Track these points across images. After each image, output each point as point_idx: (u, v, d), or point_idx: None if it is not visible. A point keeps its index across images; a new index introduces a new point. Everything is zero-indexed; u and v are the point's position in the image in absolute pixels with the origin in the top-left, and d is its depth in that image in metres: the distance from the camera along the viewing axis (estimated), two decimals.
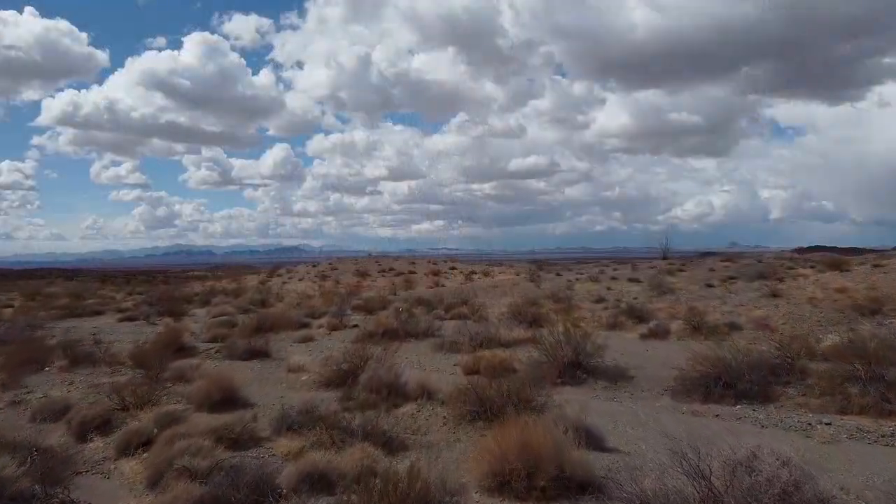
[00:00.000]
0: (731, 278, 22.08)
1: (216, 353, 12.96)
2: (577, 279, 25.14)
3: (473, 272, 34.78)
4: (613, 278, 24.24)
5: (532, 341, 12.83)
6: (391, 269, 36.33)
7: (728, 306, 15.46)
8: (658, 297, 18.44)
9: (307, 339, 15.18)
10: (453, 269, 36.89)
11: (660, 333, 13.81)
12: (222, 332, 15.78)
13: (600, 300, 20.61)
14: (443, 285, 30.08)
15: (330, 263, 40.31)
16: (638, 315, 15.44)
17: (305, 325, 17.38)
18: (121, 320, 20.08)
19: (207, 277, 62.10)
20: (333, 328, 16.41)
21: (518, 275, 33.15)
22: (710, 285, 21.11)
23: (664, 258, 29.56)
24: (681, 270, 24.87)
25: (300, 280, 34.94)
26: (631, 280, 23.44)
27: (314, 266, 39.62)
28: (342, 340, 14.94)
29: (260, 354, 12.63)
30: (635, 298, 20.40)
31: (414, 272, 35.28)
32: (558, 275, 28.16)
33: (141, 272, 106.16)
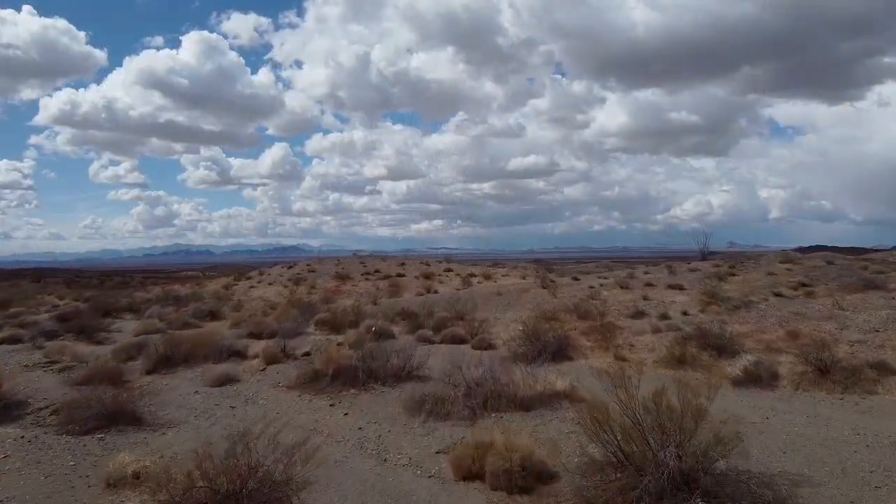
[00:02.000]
0: (804, 285, 17.11)
1: (51, 415, 7.95)
2: (601, 285, 20.15)
3: (472, 275, 29.79)
4: (648, 284, 19.26)
5: (572, 399, 7.86)
6: (377, 272, 31.29)
7: (854, 332, 10.47)
8: (730, 312, 13.43)
9: (227, 381, 10.21)
10: (449, 270, 31.82)
11: (763, 378, 8.83)
12: (105, 369, 10.75)
13: (639, 314, 15.61)
14: (435, 291, 25.11)
15: (308, 264, 35.25)
16: (714, 343, 10.45)
17: (238, 353, 12.38)
18: (1, 342, 15.08)
19: (199, 278, 56.87)
20: (272, 360, 11.40)
21: (524, 278, 28.13)
22: (778, 294, 16.16)
23: (703, 259, 24.55)
24: (732, 274, 19.90)
25: (270, 284, 29.95)
26: (672, 287, 18.48)
27: (289, 267, 34.57)
28: (275, 384, 9.98)
29: (123, 419, 7.66)
30: (686, 313, 15.43)
31: (403, 275, 30.27)
32: (575, 279, 23.15)
33: (123, 272, 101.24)
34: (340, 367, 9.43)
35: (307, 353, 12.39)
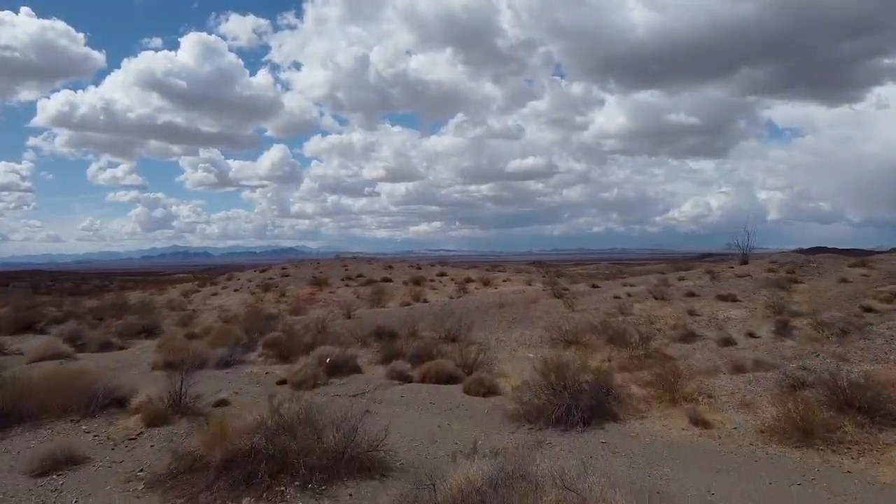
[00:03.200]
0: None
1: None
2: (629, 295, 16.14)
3: (469, 280, 25.75)
4: (690, 294, 15.27)
5: None
6: (359, 277, 27.24)
7: None
8: (834, 338, 9.41)
9: (62, 462, 6.23)
10: (442, 275, 27.67)
11: None
12: None
13: (689, 336, 11.67)
14: (425, 300, 21.13)
15: (283, 268, 31.11)
16: (854, 400, 6.44)
17: (119, 402, 8.35)
18: None
19: (190, 279, 52.67)
20: (155, 419, 7.38)
21: (530, 284, 24.14)
22: (868, 309, 12.21)
23: (744, 262, 20.56)
24: (793, 281, 15.91)
25: (236, 291, 25.93)
26: (722, 298, 14.49)
27: (262, 272, 30.47)
28: (133, 474, 5.98)
29: None
30: (752, 335, 11.48)
31: (389, 280, 26.23)
32: (594, 286, 19.12)
33: (110, 275, 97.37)
34: (233, 453, 5.42)
35: (222, 403, 8.42)
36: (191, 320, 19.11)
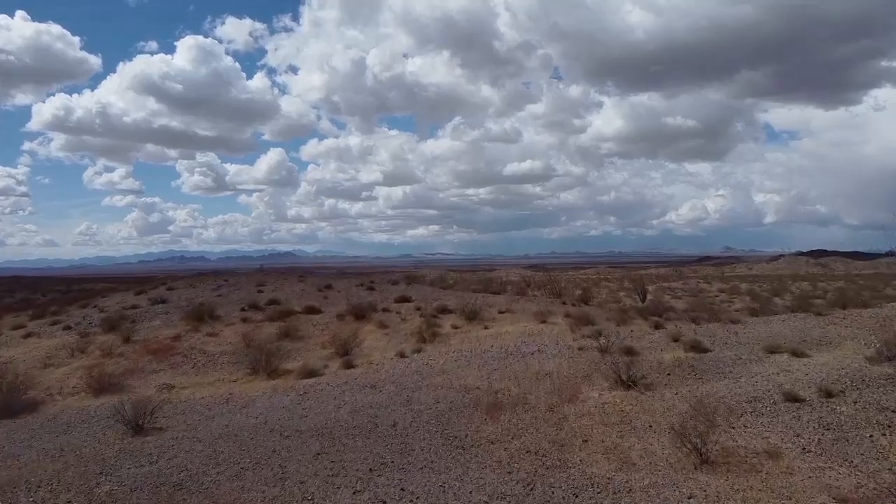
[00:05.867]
0: None
1: None
2: (821, 390, 6.33)
3: (445, 310, 15.75)
4: None
5: None
6: (272, 304, 17.21)
7: None
8: None
9: None
10: (404, 301, 17.29)
11: None
12: None
13: None
14: (352, 364, 11.33)
15: (168, 288, 20.57)
16: None
17: None
18: None
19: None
20: None
21: (545, 321, 14.21)
22: None
23: None
24: None
25: (66, 329, 16.02)
26: None
27: (138, 293, 20.07)
28: None
29: None
30: None
31: (316, 310, 16.31)
32: (697, 350, 9.06)
33: (77, 280, 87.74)
34: None
35: None
36: None
